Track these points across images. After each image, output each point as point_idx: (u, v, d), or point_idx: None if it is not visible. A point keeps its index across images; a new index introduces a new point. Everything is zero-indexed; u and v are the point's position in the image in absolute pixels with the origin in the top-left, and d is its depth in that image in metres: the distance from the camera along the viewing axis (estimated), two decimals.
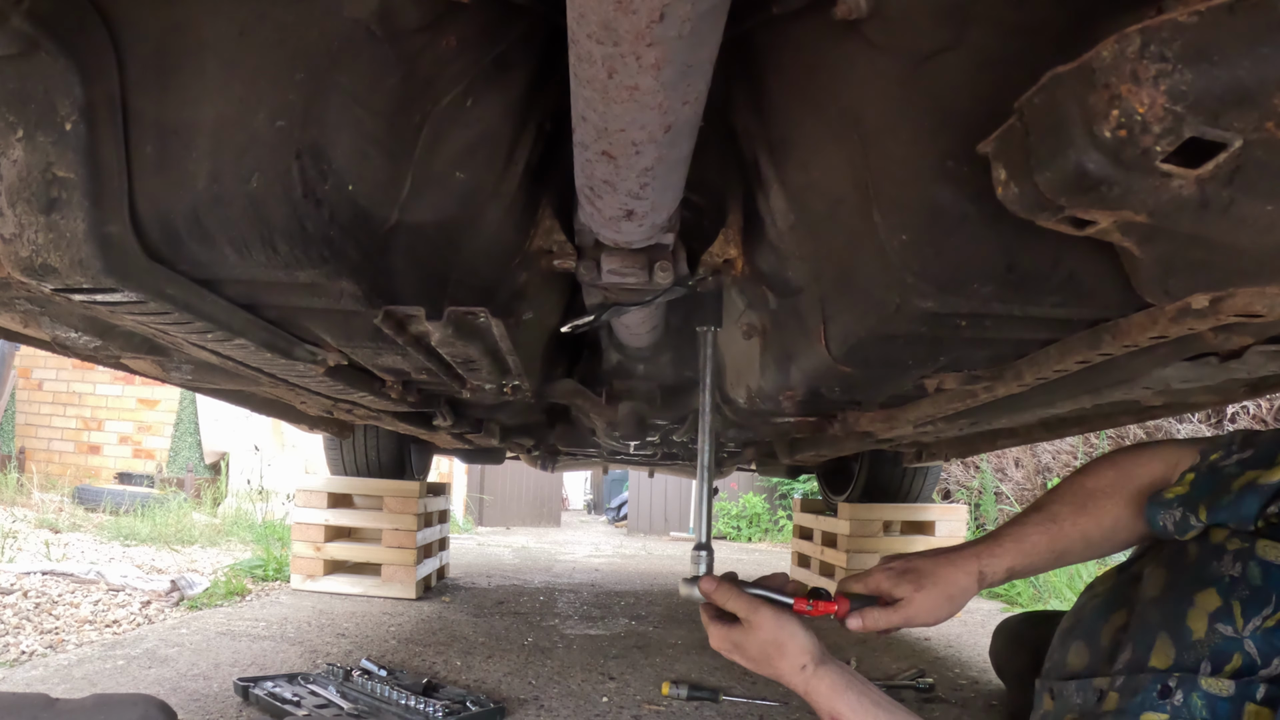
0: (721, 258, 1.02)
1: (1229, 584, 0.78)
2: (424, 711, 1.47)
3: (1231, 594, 0.77)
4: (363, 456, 3.01)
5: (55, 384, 6.63)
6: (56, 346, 1.13)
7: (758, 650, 0.98)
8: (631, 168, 0.68)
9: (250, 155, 0.68)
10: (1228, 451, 0.90)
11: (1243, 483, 0.82)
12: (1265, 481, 0.79)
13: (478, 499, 8.23)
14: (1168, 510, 0.89)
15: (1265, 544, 0.77)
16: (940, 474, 3.80)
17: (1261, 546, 0.77)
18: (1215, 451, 0.91)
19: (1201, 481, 0.88)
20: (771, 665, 0.97)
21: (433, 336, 0.98)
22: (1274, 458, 0.83)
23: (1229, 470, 0.86)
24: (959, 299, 0.77)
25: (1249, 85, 0.42)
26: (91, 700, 1.07)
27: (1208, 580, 0.80)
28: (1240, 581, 0.77)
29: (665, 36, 0.49)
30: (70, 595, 2.53)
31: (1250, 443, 0.88)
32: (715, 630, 1.03)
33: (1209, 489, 0.86)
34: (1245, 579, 0.76)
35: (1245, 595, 0.76)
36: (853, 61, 0.69)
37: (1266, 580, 0.75)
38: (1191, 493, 0.87)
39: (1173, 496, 0.89)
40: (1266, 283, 0.61)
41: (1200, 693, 0.72)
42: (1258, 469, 0.83)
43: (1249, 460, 0.86)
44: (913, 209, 0.72)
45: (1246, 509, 0.79)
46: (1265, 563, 0.75)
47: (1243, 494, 0.80)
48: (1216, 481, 0.86)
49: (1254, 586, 0.76)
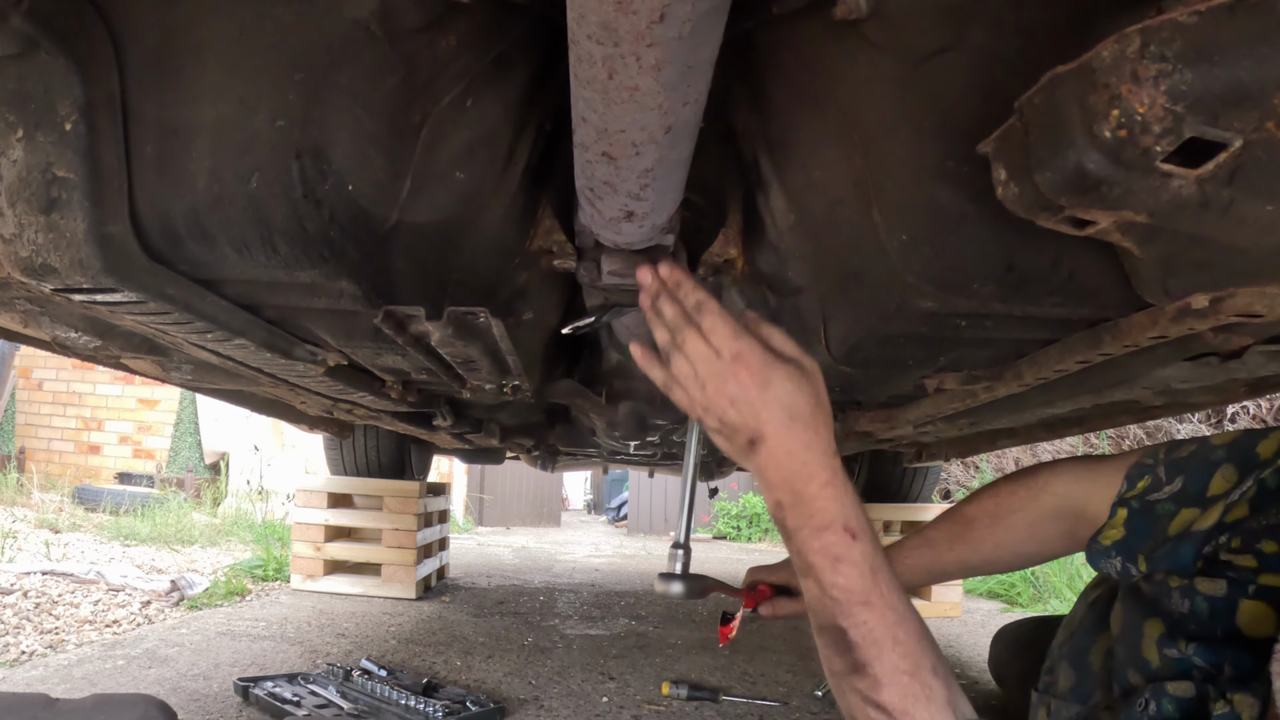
0: (721, 258, 1.02)
1: (1177, 619, 0.80)
2: (424, 711, 1.47)
3: (1180, 627, 0.79)
4: (363, 456, 3.01)
5: (55, 384, 6.63)
6: (56, 346, 1.13)
7: (813, 403, 0.71)
8: (632, 169, 0.68)
9: (250, 155, 0.68)
10: (1155, 480, 0.90)
11: (1178, 527, 0.84)
12: (1199, 528, 0.81)
13: (478, 499, 8.23)
14: (1107, 559, 0.90)
15: (1204, 580, 0.79)
16: (940, 474, 3.80)
17: (1201, 583, 0.79)
18: (1143, 477, 0.91)
19: (1135, 523, 0.89)
20: (806, 427, 0.71)
21: (433, 336, 0.98)
22: (1204, 488, 0.84)
23: (1163, 509, 0.87)
24: (959, 299, 0.77)
25: (1249, 85, 0.42)
26: (91, 700, 1.07)
27: (1158, 613, 0.82)
28: (1189, 618, 0.79)
29: (665, 37, 0.49)
30: (70, 595, 2.53)
31: (1178, 468, 0.88)
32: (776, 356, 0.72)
33: (1145, 533, 0.87)
34: (1194, 613, 0.78)
35: (1192, 629, 0.78)
36: (853, 61, 0.69)
37: (1212, 614, 0.77)
38: (1128, 538, 0.88)
39: (1109, 544, 0.90)
40: (1266, 283, 0.61)
41: (1168, 698, 0.75)
42: (1191, 506, 0.84)
43: (1180, 495, 0.86)
44: (913, 209, 0.72)
45: (1183, 558, 0.81)
46: (1209, 597, 0.78)
47: (1179, 542, 0.82)
48: (1151, 523, 0.87)
49: (1201, 621, 0.78)
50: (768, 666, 2.10)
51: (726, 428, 0.73)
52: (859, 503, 0.71)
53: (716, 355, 0.72)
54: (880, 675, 0.66)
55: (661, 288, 0.76)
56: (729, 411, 0.72)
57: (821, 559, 0.69)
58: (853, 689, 0.68)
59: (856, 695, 0.68)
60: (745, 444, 0.73)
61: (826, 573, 0.69)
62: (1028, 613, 3.26)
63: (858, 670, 0.67)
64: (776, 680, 1.97)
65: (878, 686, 0.66)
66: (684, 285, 0.75)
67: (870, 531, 0.71)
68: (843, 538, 0.69)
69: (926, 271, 0.75)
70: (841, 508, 0.70)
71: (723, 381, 0.71)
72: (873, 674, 0.67)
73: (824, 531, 0.69)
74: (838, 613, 0.69)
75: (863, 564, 0.69)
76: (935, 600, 2.94)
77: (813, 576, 0.70)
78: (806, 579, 0.71)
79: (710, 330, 0.72)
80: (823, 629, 0.71)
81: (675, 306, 0.75)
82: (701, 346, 0.72)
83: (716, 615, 2.84)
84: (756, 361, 0.71)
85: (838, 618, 0.69)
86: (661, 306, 0.76)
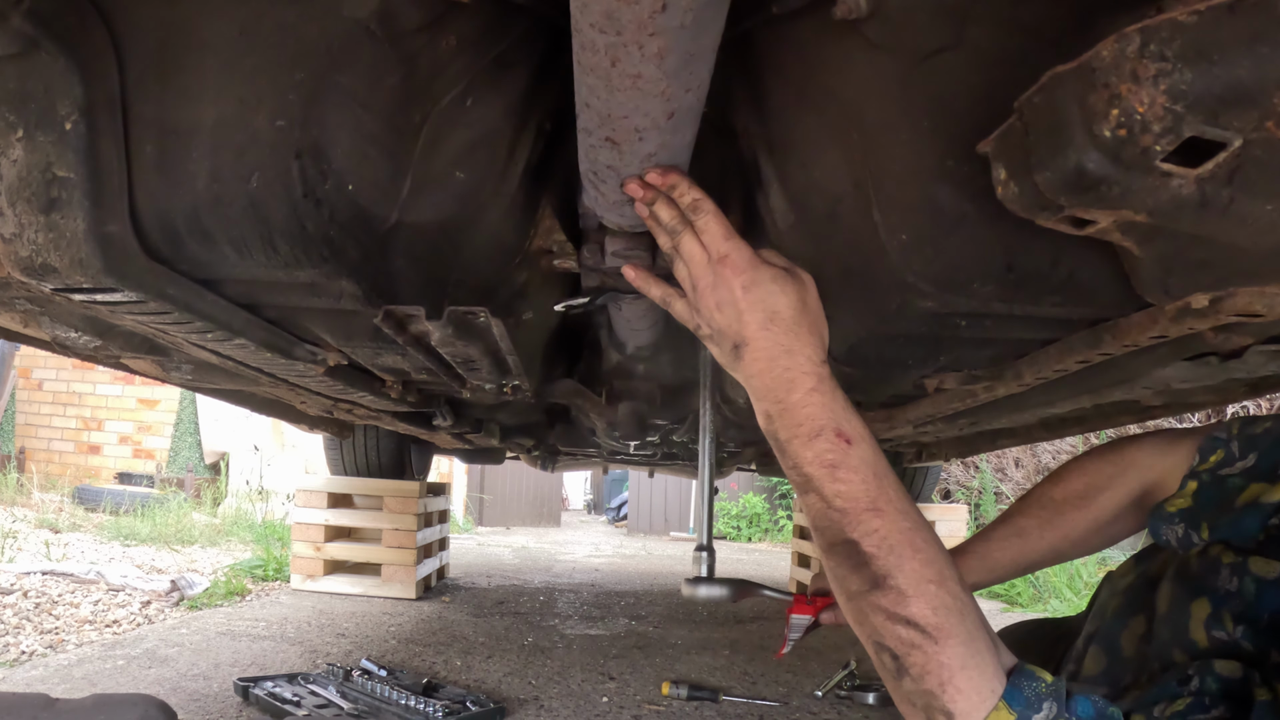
0: None
1: (1223, 596, 0.77)
2: (424, 711, 1.47)
3: (1224, 605, 0.77)
4: (363, 456, 3.01)
5: (55, 384, 6.63)
6: (56, 346, 1.13)
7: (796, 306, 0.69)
8: (635, 154, 0.68)
9: (250, 155, 0.68)
10: (1229, 455, 0.88)
11: (1247, 498, 0.81)
12: (1267, 500, 0.78)
13: (478, 499, 8.23)
14: (1169, 525, 0.87)
15: (1258, 560, 0.76)
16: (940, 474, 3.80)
17: (1254, 562, 0.76)
18: (1215, 451, 0.90)
19: (1205, 494, 0.86)
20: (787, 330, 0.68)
21: (433, 336, 0.98)
22: (1276, 465, 0.83)
23: (1234, 483, 0.84)
24: (959, 298, 0.77)
25: (1249, 85, 0.42)
26: (91, 700, 1.07)
27: (1203, 592, 0.80)
28: (1234, 596, 0.77)
29: (668, 26, 0.49)
30: (70, 595, 2.53)
31: (1252, 444, 0.87)
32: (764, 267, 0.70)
33: (1213, 503, 0.84)
34: (1240, 594, 0.76)
35: (1238, 609, 0.76)
36: (852, 61, 0.69)
37: (1259, 598, 0.75)
38: (1195, 507, 0.86)
39: (1175, 511, 0.87)
40: (1266, 283, 0.61)
41: (1214, 675, 0.72)
42: (1262, 481, 0.81)
43: (1253, 470, 0.84)
44: (913, 208, 0.72)
45: (1248, 526, 0.78)
46: (1259, 579, 0.75)
47: (1245, 511, 0.79)
48: (1221, 496, 0.84)
49: (1247, 602, 0.76)
50: (768, 666, 2.10)
51: (715, 333, 0.71)
52: (852, 409, 0.67)
53: (707, 255, 0.70)
54: (905, 586, 0.60)
55: (656, 193, 0.73)
56: (715, 315, 0.70)
57: (817, 469, 0.64)
58: (875, 608, 0.61)
59: (881, 614, 0.61)
60: (731, 350, 0.70)
61: (826, 482, 0.64)
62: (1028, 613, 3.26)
63: (878, 585, 0.61)
64: (776, 680, 1.97)
65: (904, 599, 0.60)
66: (679, 185, 0.72)
67: (869, 437, 0.66)
68: (837, 443, 0.64)
69: (926, 271, 0.75)
70: (831, 414, 0.65)
71: (711, 283, 0.70)
72: (895, 585, 0.60)
73: (816, 439, 0.65)
74: (845, 524, 0.63)
75: (863, 469, 0.64)
76: None
77: (813, 490, 0.65)
78: (807, 494, 0.66)
79: (703, 229, 0.71)
80: (832, 547, 0.64)
81: (672, 209, 0.73)
82: (695, 247, 0.71)
83: (717, 615, 2.84)
84: (743, 261, 0.69)
85: (846, 529, 0.63)
86: (659, 210, 0.73)
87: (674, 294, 0.77)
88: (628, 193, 0.74)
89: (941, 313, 0.81)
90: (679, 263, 0.74)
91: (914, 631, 0.59)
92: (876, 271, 0.80)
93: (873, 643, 0.62)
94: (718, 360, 0.74)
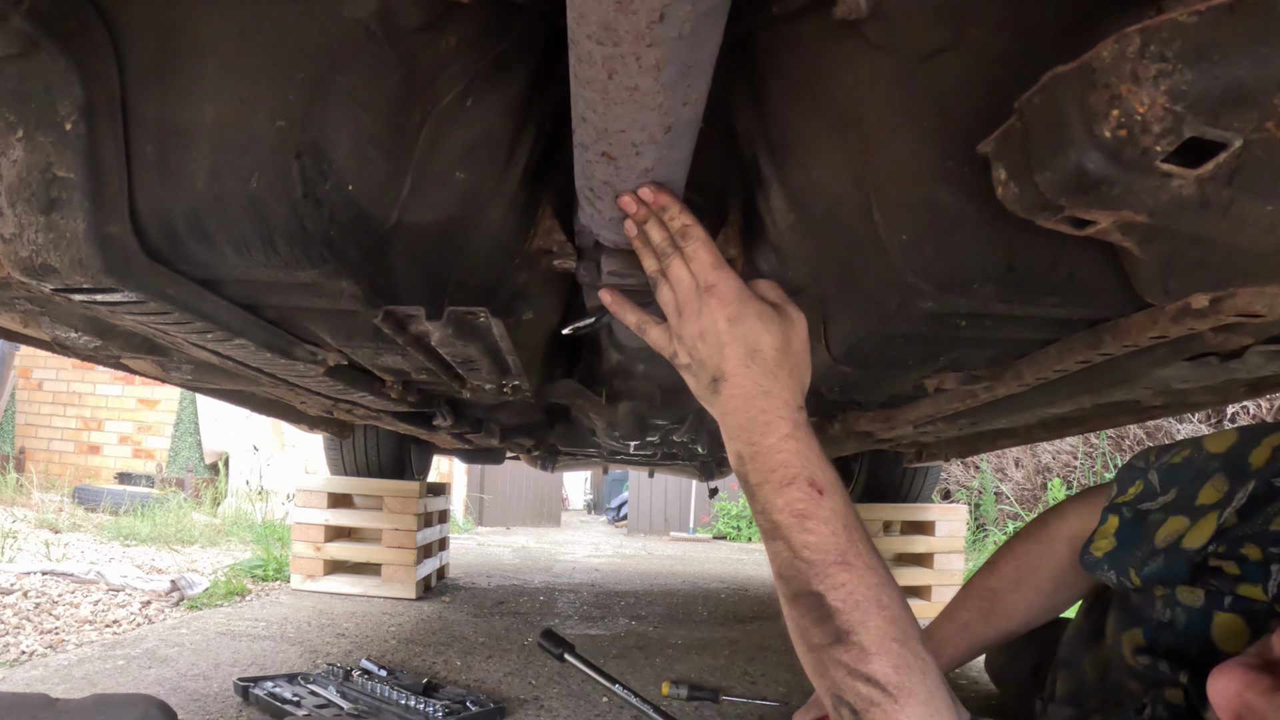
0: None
1: (1156, 628, 0.81)
2: (424, 711, 1.47)
3: (1158, 635, 0.80)
4: (363, 456, 3.01)
5: (55, 384, 6.63)
6: (56, 346, 1.13)
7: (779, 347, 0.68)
8: (632, 169, 0.68)
9: (250, 155, 0.68)
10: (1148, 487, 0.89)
11: (1165, 535, 0.84)
12: (1189, 546, 0.81)
13: (478, 499, 8.23)
14: (1102, 572, 0.91)
15: (1184, 590, 0.79)
16: (940, 474, 3.80)
17: (1181, 592, 0.79)
18: (1134, 482, 0.91)
19: (1126, 531, 0.89)
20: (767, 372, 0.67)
21: (433, 336, 0.98)
22: (1194, 497, 0.84)
23: (1154, 518, 0.86)
24: (959, 299, 0.77)
25: (1249, 85, 0.42)
26: (91, 700, 1.07)
27: (1139, 622, 0.84)
28: (1167, 627, 0.80)
29: (665, 37, 0.49)
30: (70, 595, 2.53)
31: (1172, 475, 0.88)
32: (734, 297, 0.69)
33: (1134, 539, 0.87)
34: (1172, 624, 0.79)
35: (1169, 640, 0.79)
36: (853, 61, 0.69)
37: (1188, 626, 0.78)
38: (1118, 549, 0.89)
39: (1101, 555, 0.90)
40: (1266, 283, 0.61)
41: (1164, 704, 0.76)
42: (1181, 515, 0.84)
43: (1173, 504, 0.86)
44: (913, 209, 0.72)
45: (1176, 571, 0.81)
46: (1188, 608, 0.78)
47: (1171, 556, 0.83)
48: (1140, 531, 0.87)
49: (1177, 632, 0.79)
50: (768, 666, 2.10)
51: (695, 363, 0.70)
52: (826, 458, 0.67)
53: (694, 283, 0.69)
54: (868, 643, 0.59)
55: (648, 212, 0.72)
56: (698, 344, 0.69)
57: (787, 517, 0.64)
58: (837, 662, 0.60)
59: (842, 669, 0.60)
60: (709, 383, 0.69)
61: (795, 532, 0.63)
62: None
63: (841, 639, 0.60)
64: (776, 680, 1.97)
65: (866, 656, 0.59)
66: (670, 209, 0.71)
67: (840, 488, 0.66)
68: (809, 493, 0.64)
69: (926, 271, 0.75)
70: (805, 462, 0.65)
71: (696, 310, 0.69)
72: (859, 641, 0.59)
73: (787, 487, 0.64)
74: (812, 576, 0.62)
75: (834, 520, 0.63)
76: (935, 600, 2.93)
77: (780, 538, 0.64)
78: (774, 541, 0.65)
79: (692, 256, 0.70)
80: (797, 597, 0.63)
81: (662, 231, 0.72)
82: (683, 272, 0.70)
83: (717, 615, 2.84)
84: (730, 293, 0.68)
85: (812, 582, 0.62)
86: (649, 230, 0.72)
87: (650, 320, 0.76)
88: (621, 206, 0.73)
89: (941, 313, 0.81)
90: (664, 287, 0.72)
91: (874, 689, 0.58)
92: (876, 271, 0.80)
93: (832, 695, 0.62)
94: (693, 391, 0.73)
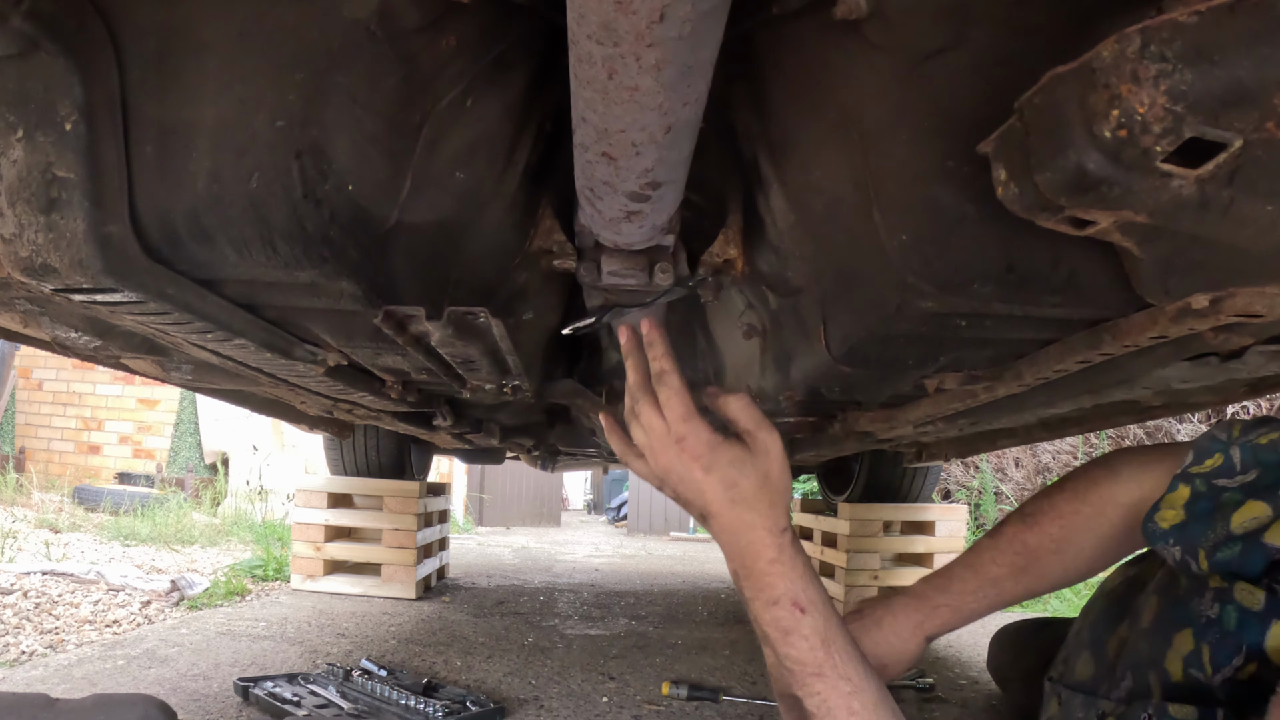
0: (721, 258, 1.02)
1: (1204, 625, 0.76)
2: (424, 711, 1.47)
3: (1204, 637, 0.75)
4: (363, 456, 3.01)
5: (55, 384, 6.62)
6: (56, 346, 1.13)
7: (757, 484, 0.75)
8: (632, 169, 0.68)
9: (250, 155, 0.68)
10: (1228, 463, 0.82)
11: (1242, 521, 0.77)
12: (1272, 543, 0.74)
13: (478, 499, 8.23)
14: (1165, 545, 0.83)
15: (1243, 588, 0.74)
16: (940, 474, 3.80)
17: (1240, 590, 0.74)
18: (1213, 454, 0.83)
19: (1198, 505, 0.81)
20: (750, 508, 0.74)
21: (433, 336, 0.98)
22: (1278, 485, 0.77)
23: (1230, 497, 0.79)
24: (959, 299, 0.77)
25: (1249, 85, 0.42)
26: (91, 700, 1.07)
27: (1187, 620, 0.78)
28: (1215, 624, 0.74)
29: (665, 37, 0.49)
30: (70, 595, 2.53)
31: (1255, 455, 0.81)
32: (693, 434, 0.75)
33: (1206, 517, 0.80)
34: (1220, 622, 0.74)
35: (1216, 639, 0.74)
36: (853, 61, 0.69)
37: (1240, 627, 0.73)
38: (1188, 524, 0.81)
39: (1168, 528, 0.82)
40: (1266, 283, 0.61)
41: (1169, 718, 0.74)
42: (1259, 500, 0.77)
43: (1252, 485, 0.79)
44: (913, 209, 0.72)
45: (1251, 566, 0.75)
46: (1241, 608, 0.73)
47: (1250, 550, 0.75)
48: (1215, 509, 0.80)
49: (1226, 631, 0.73)
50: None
51: (680, 499, 0.78)
52: (810, 576, 0.75)
53: (667, 430, 0.75)
54: None
55: (634, 346, 0.80)
56: (679, 487, 0.77)
57: (773, 630, 0.73)
58: None
59: None
60: (699, 516, 0.78)
61: (779, 644, 0.73)
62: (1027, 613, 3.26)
63: None
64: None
65: None
66: (655, 347, 0.78)
67: (822, 603, 0.74)
68: (791, 612, 0.72)
69: (926, 271, 0.75)
70: (789, 584, 0.73)
71: (670, 458, 0.76)
72: None
73: (773, 605, 0.73)
74: (792, 682, 0.72)
75: (813, 637, 0.72)
76: None
77: (769, 645, 0.74)
78: (765, 646, 0.75)
79: (665, 404, 0.76)
80: (781, 695, 0.76)
81: (638, 373, 0.78)
82: (655, 419, 0.76)
83: (717, 615, 2.84)
84: (700, 446, 0.74)
85: (793, 687, 0.72)
86: (628, 370, 0.79)
87: (632, 454, 0.81)
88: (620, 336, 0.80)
89: (941, 313, 0.81)
90: (636, 429, 0.78)
91: None
92: (876, 271, 0.80)
93: None
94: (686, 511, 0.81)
